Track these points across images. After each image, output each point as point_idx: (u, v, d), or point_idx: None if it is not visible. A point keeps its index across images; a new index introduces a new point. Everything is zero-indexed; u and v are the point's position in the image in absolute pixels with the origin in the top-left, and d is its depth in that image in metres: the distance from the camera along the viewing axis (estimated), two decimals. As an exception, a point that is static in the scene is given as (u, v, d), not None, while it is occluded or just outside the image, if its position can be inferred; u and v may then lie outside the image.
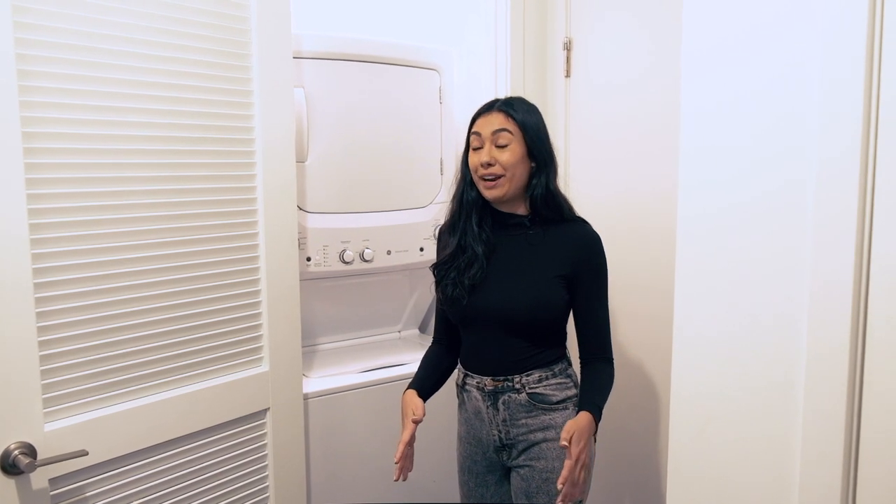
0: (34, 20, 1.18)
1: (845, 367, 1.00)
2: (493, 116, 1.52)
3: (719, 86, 1.13)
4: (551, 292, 1.51)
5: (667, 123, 1.87)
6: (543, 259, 1.53)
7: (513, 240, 1.56)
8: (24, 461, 1.16)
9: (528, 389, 1.54)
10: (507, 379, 1.55)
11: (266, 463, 1.63)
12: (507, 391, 1.55)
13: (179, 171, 1.41)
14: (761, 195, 1.09)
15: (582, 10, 2.14)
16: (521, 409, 1.55)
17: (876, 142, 0.96)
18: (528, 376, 1.54)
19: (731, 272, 1.14)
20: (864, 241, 0.98)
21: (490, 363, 1.57)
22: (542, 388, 1.54)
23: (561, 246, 1.53)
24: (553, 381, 1.55)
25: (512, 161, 1.49)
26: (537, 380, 1.54)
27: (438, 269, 1.61)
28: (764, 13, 1.07)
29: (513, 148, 1.49)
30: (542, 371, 1.55)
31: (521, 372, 1.54)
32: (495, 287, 1.53)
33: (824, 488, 1.04)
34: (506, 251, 1.55)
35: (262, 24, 1.51)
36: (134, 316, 1.36)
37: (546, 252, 1.53)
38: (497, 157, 1.49)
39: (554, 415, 1.54)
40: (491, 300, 1.53)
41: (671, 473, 1.27)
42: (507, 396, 1.55)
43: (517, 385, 1.54)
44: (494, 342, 1.56)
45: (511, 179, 1.50)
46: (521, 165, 1.51)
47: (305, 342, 2.13)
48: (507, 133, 1.49)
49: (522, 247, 1.54)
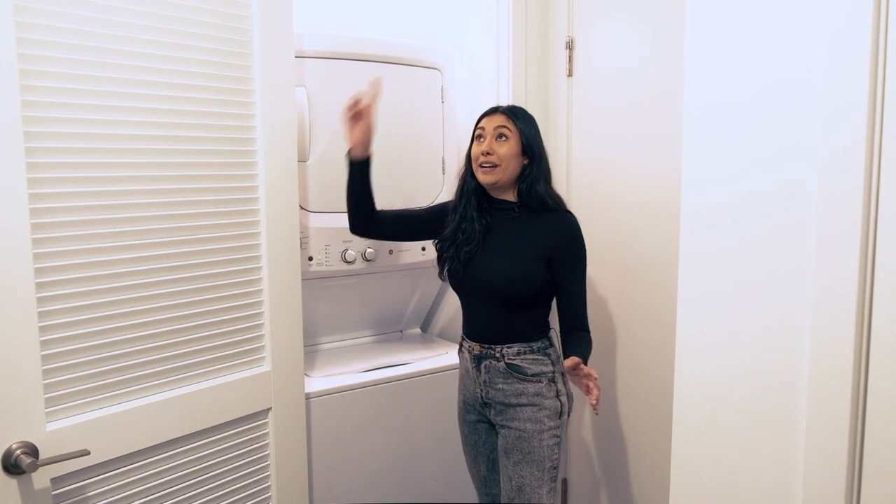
0: (35, 20, 1.18)
1: (849, 367, 0.99)
2: (497, 117, 1.77)
3: (723, 84, 1.13)
4: (528, 268, 1.72)
5: (669, 122, 1.87)
6: (525, 240, 1.75)
7: (502, 222, 1.79)
8: (25, 461, 1.16)
9: (507, 360, 1.76)
10: (491, 347, 1.78)
11: (268, 463, 1.63)
12: (489, 357, 1.78)
13: (181, 171, 1.41)
14: (765, 194, 1.09)
15: (584, 9, 2.13)
16: (499, 375, 1.76)
17: (881, 141, 0.95)
18: (509, 348, 1.76)
19: (734, 271, 1.14)
20: (868, 240, 0.97)
21: (479, 331, 1.81)
22: (519, 360, 1.75)
23: (542, 230, 1.75)
24: (530, 356, 1.75)
25: (507, 154, 1.74)
26: (516, 352, 1.75)
27: (441, 244, 1.86)
28: (768, 13, 1.06)
29: (510, 144, 1.74)
30: (522, 345, 1.76)
31: (503, 342, 1.76)
32: (484, 261, 1.76)
33: (828, 489, 1.03)
34: (497, 232, 1.78)
35: (264, 23, 1.51)
36: (136, 315, 1.36)
37: (528, 234, 1.75)
38: (496, 149, 1.74)
39: (527, 385, 1.75)
40: (479, 272, 1.77)
41: (674, 473, 1.27)
42: (488, 362, 1.78)
43: (497, 354, 1.77)
44: (482, 312, 1.80)
45: (505, 169, 1.74)
46: (515, 160, 1.75)
47: (307, 342, 2.13)
48: (507, 130, 1.74)
49: (510, 228, 1.78)
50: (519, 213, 1.77)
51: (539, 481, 1.72)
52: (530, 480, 1.72)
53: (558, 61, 2.21)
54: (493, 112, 1.78)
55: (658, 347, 2.01)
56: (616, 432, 2.18)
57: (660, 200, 1.95)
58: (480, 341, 1.79)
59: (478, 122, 1.80)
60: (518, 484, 1.74)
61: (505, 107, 1.80)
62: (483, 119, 1.79)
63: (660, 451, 2.05)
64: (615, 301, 2.14)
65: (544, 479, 1.73)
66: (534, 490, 1.72)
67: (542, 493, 1.73)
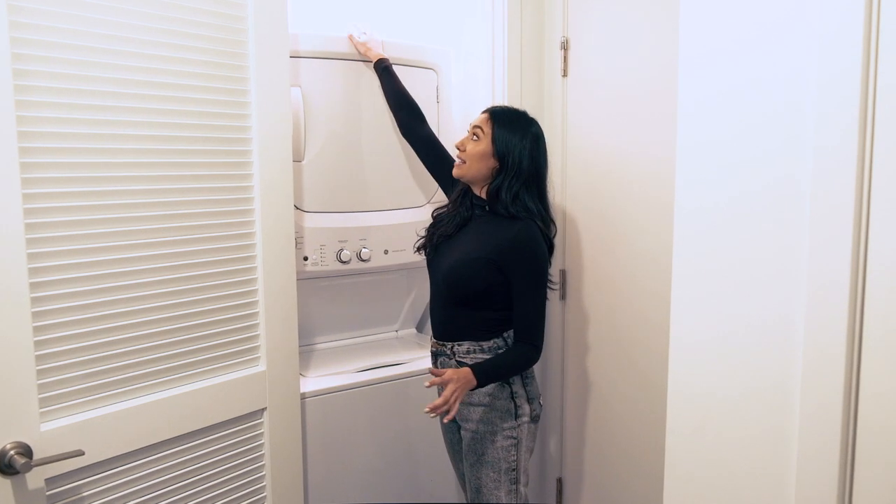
0: (30, 20, 1.18)
1: (842, 366, 1.00)
2: (481, 116, 1.79)
3: (716, 83, 1.14)
4: (473, 267, 1.72)
5: (664, 123, 1.87)
6: (480, 240, 1.75)
7: (475, 219, 1.81)
8: (19, 461, 1.16)
9: (458, 358, 1.77)
10: (444, 344, 1.80)
11: (263, 463, 1.63)
12: (442, 354, 1.81)
13: (176, 171, 1.41)
14: (758, 192, 1.09)
15: (579, 9, 2.14)
16: None
17: (873, 138, 0.96)
18: (459, 346, 1.77)
19: (727, 271, 1.14)
20: (860, 238, 0.98)
21: (436, 326, 1.84)
22: (469, 359, 1.75)
23: (495, 235, 1.74)
24: (480, 355, 1.75)
25: (474, 153, 1.75)
26: (466, 350, 1.76)
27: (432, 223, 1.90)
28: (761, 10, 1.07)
29: (479, 144, 1.74)
30: (473, 344, 1.76)
31: (454, 339, 1.78)
32: (445, 253, 1.80)
33: (821, 488, 1.04)
34: (467, 227, 1.81)
35: (259, 23, 1.51)
36: (130, 315, 1.35)
37: (484, 235, 1.76)
38: (466, 145, 1.77)
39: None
40: (438, 262, 1.82)
41: (668, 472, 1.27)
42: (442, 359, 1.81)
43: (448, 351, 1.79)
44: (438, 307, 1.83)
45: (469, 168, 1.76)
46: (482, 161, 1.74)
47: (302, 342, 2.13)
48: (480, 131, 1.76)
49: (476, 227, 1.79)
50: (486, 214, 1.78)
51: (496, 483, 1.73)
52: (486, 482, 1.74)
53: (553, 61, 2.21)
54: (485, 110, 1.80)
55: (652, 347, 2.01)
56: (610, 431, 2.19)
57: (654, 200, 1.96)
58: (437, 337, 1.82)
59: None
60: (475, 486, 1.76)
61: (495, 108, 1.80)
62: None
63: (654, 449, 2.05)
64: (609, 300, 2.14)
65: (501, 481, 1.73)
66: (491, 492, 1.74)
67: (500, 494, 1.74)
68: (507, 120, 1.75)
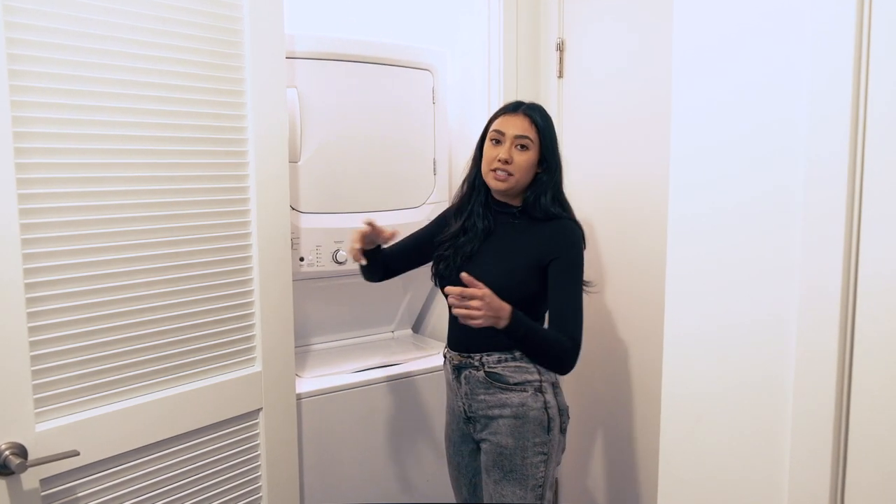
0: (25, 20, 1.18)
1: (834, 366, 1.01)
2: (519, 120, 1.64)
3: (710, 88, 1.14)
4: (520, 278, 1.62)
5: (658, 124, 1.88)
6: (522, 248, 1.65)
7: (502, 227, 1.69)
8: (14, 462, 1.16)
9: (487, 368, 1.66)
10: (470, 356, 1.68)
11: (259, 463, 1.63)
12: (468, 367, 1.68)
13: (172, 172, 1.41)
14: (751, 197, 1.10)
15: (575, 11, 2.14)
16: (480, 385, 1.66)
17: (864, 144, 0.96)
18: (489, 356, 1.66)
19: (721, 273, 1.15)
20: (852, 242, 0.98)
21: (460, 338, 1.71)
22: (500, 368, 1.65)
23: (540, 239, 1.64)
24: (512, 363, 1.65)
25: (525, 165, 1.63)
26: (496, 360, 1.65)
27: (439, 246, 1.75)
28: (754, 16, 1.08)
29: (530, 154, 1.63)
30: (503, 353, 1.65)
31: (482, 350, 1.66)
32: (476, 266, 1.65)
33: (813, 487, 1.05)
34: (496, 236, 1.69)
35: (255, 24, 1.51)
36: (126, 316, 1.35)
37: (526, 242, 1.65)
38: (514, 158, 1.62)
39: (510, 395, 1.64)
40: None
41: (662, 473, 1.28)
42: (468, 372, 1.68)
43: (476, 363, 1.67)
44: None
45: (519, 180, 1.64)
46: (531, 169, 1.65)
47: (298, 342, 2.13)
48: (529, 141, 1.63)
49: (508, 235, 1.68)
50: (519, 220, 1.68)
51: (521, 499, 1.62)
52: (512, 500, 1.62)
53: (549, 63, 2.22)
54: (515, 111, 1.66)
55: (646, 348, 2.02)
56: (605, 431, 2.19)
57: (649, 201, 1.96)
58: (460, 350, 1.70)
59: (494, 118, 1.68)
60: (497, 499, 1.64)
61: (529, 107, 1.66)
62: (501, 118, 1.66)
63: (648, 449, 2.06)
64: (603, 301, 2.15)
65: (527, 498, 1.62)
66: None
67: None
68: (544, 120, 1.65)
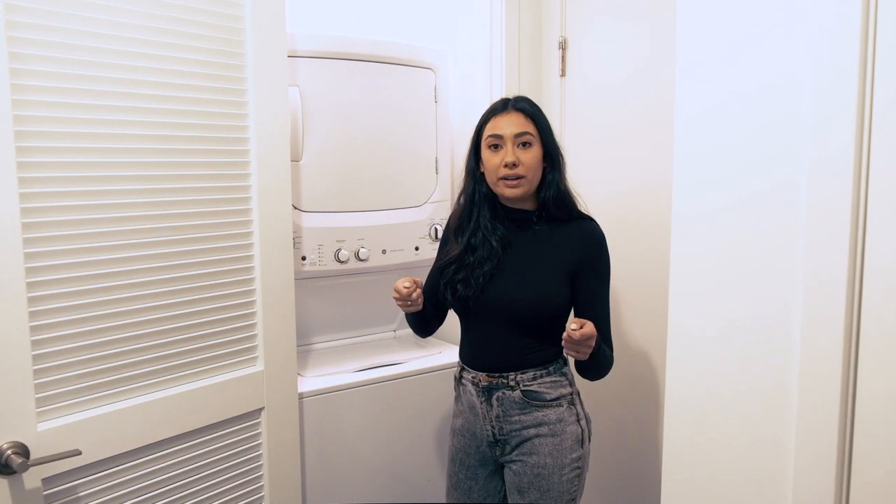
0: (27, 19, 1.17)
1: (839, 366, 1.00)
2: (513, 117, 1.53)
3: (713, 87, 1.14)
4: (556, 288, 1.53)
5: (661, 122, 1.87)
6: (550, 255, 1.55)
7: (521, 235, 1.58)
8: (16, 461, 1.16)
9: (523, 387, 1.55)
10: (503, 376, 1.56)
11: (261, 463, 1.63)
12: (501, 388, 1.56)
13: (173, 171, 1.40)
14: (755, 196, 1.09)
15: (577, 9, 2.14)
16: (515, 405, 1.56)
17: (870, 142, 0.96)
18: (523, 374, 1.55)
19: (725, 272, 1.14)
20: (857, 241, 0.98)
21: (488, 359, 1.58)
22: (536, 385, 1.55)
23: (567, 243, 1.55)
24: (548, 378, 1.56)
25: (534, 163, 1.52)
26: (532, 378, 1.55)
27: (444, 273, 1.61)
28: (757, 16, 1.07)
29: (535, 150, 1.53)
30: (538, 370, 1.56)
31: (516, 369, 1.55)
32: (502, 282, 1.54)
33: (818, 488, 1.04)
34: (515, 246, 1.57)
35: (257, 22, 1.51)
36: (128, 315, 1.35)
37: (552, 248, 1.55)
38: (521, 159, 1.51)
39: (547, 411, 1.55)
40: (498, 294, 1.54)
41: (665, 473, 1.27)
42: (501, 393, 1.56)
43: (511, 382, 1.56)
44: (494, 338, 1.57)
45: (531, 181, 1.54)
46: (539, 166, 1.55)
47: (300, 341, 2.13)
48: (531, 136, 1.52)
49: (530, 242, 1.57)
50: (538, 224, 1.57)
51: None
52: None
53: (551, 61, 2.21)
54: (505, 109, 1.55)
55: (649, 348, 2.01)
56: (608, 431, 2.19)
57: (653, 200, 1.96)
58: (489, 370, 1.57)
59: (485, 122, 1.57)
60: None
61: (517, 101, 1.56)
62: (493, 120, 1.55)
63: (651, 449, 2.05)
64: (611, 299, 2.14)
65: None
66: None
67: None
68: (536, 111, 1.55)
